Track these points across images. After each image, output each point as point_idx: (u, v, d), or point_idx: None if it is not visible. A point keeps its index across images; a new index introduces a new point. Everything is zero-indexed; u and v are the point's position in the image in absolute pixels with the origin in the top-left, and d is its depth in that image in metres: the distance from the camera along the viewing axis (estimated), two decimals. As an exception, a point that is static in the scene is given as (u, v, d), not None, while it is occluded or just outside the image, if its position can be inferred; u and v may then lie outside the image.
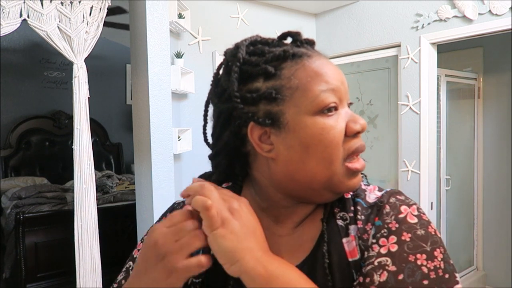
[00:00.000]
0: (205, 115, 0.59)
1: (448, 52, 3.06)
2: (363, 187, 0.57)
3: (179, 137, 2.13)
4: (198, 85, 2.32)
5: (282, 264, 0.46)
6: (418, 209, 0.51)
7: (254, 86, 0.51)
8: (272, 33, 0.57)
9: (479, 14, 2.08)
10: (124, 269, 0.61)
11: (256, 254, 0.45)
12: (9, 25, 1.61)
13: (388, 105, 2.57)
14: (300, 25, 2.81)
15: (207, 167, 0.61)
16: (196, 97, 2.33)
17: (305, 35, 0.55)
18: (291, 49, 0.51)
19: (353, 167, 0.51)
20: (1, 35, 1.60)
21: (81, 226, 1.83)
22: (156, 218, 1.91)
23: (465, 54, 3.15)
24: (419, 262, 0.45)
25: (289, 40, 0.56)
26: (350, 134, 0.51)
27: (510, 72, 2.94)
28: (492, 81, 3.08)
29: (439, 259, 0.46)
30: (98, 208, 1.91)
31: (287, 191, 0.53)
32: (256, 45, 0.54)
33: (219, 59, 2.41)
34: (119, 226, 2.93)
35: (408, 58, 2.38)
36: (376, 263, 0.47)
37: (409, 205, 0.52)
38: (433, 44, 2.32)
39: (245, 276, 0.44)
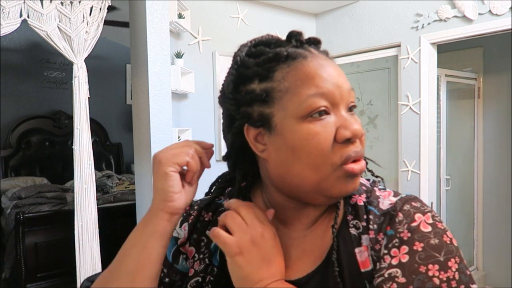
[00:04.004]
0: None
1: (448, 52, 3.06)
2: (378, 193, 0.55)
3: (179, 137, 2.13)
4: (198, 85, 2.32)
5: None
6: (434, 216, 0.49)
7: (250, 87, 0.51)
8: (272, 33, 0.56)
9: (479, 14, 2.08)
10: None
11: (266, 282, 0.48)
12: (9, 25, 1.61)
13: (388, 105, 2.57)
14: (300, 25, 2.81)
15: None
16: (196, 97, 2.33)
17: (305, 35, 0.54)
18: (285, 50, 0.50)
19: (349, 169, 0.48)
20: (1, 35, 1.60)
21: (81, 226, 1.83)
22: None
23: (465, 54, 3.15)
24: (430, 273, 0.44)
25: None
26: (340, 141, 0.48)
27: (510, 72, 2.93)
28: (492, 81, 3.08)
29: (453, 269, 0.44)
30: (98, 208, 1.91)
31: (284, 192, 0.53)
32: (258, 46, 0.52)
33: (219, 59, 2.41)
34: (119, 226, 2.93)
35: (408, 58, 2.37)
36: (386, 275, 0.46)
37: (424, 213, 0.49)
38: (433, 44, 2.32)
39: None
